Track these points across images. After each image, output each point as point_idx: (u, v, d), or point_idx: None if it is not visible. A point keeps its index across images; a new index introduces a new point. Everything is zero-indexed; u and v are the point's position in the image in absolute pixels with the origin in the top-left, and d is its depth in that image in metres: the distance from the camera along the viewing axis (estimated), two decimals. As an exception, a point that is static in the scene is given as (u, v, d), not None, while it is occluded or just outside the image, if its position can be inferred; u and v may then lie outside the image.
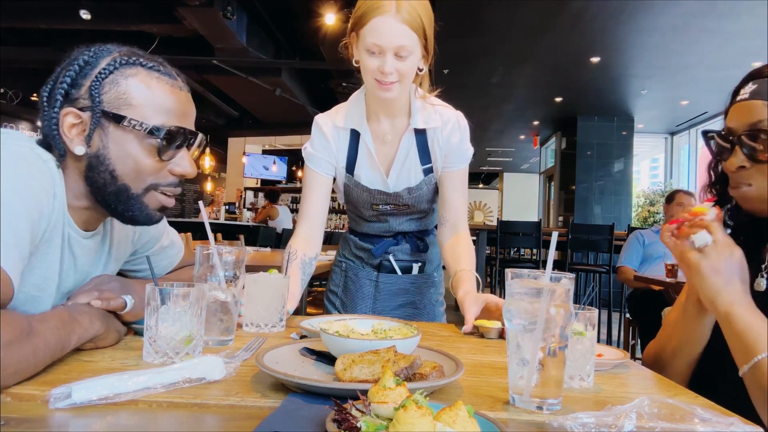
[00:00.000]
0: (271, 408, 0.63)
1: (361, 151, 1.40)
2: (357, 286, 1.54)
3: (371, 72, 1.24)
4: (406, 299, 1.54)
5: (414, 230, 1.52)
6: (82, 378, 0.64)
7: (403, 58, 1.21)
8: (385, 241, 1.51)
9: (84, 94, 0.86)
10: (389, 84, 1.24)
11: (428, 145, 1.39)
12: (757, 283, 0.96)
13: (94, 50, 0.89)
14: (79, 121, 0.86)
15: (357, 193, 1.44)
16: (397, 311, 1.53)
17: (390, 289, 1.53)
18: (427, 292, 1.55)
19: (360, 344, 0.75)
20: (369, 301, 1.53)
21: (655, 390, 0.82)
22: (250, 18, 6.45)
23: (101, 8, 5.89)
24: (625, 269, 3.86)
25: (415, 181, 1.41)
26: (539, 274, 0.71)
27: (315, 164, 1.42)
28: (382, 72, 1.22)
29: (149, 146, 0.88)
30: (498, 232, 5.67)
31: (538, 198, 11.96)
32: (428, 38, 1.25)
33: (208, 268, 0.97)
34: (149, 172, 0.89)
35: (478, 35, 5.91)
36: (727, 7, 4.94)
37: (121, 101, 0.86)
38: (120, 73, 0.87)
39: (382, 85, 1.24)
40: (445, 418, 0.50)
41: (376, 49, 1.20)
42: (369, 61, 1.23)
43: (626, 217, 8.88)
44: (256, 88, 7.95)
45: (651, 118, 8.94)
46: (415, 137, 1.38)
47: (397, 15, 1.18)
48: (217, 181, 14.93)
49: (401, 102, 1.35)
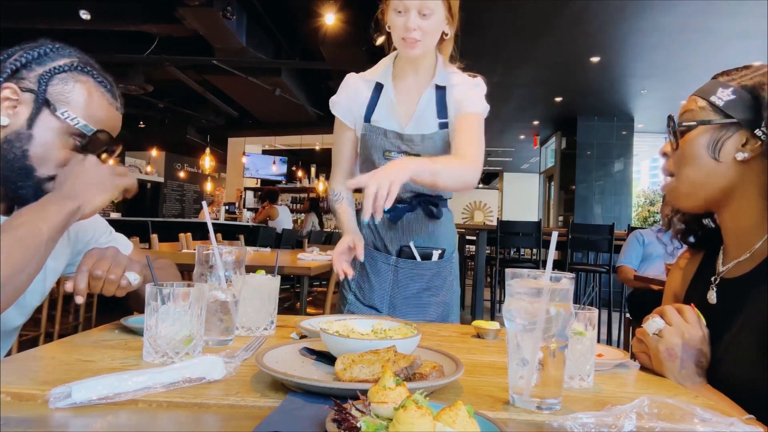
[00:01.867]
0: (270, 408, 0.63)
1: (382, 100, 1.49)
2: (375, 270, 1.52)
3: (398, 30, 1.36)
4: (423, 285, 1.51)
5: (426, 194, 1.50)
6: (82, 377, 0.64)
7: (426, 16, 1.34)
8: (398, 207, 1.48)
9: (32, 78, 0.93)
10: (414, 41, 1.36)
11: (446, 100, 1.47)
12: (709, 296, 0.97)
13: (59, 47, 0.98)
14: (15, 98, 0.93)
15: (372, 139, 1.49)
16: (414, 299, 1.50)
17: (408, 275, 1.51)
18: (447, 277, 1.53)
19: (360, 344, 0.75)
20: (387, 285, 1.51)
21: (655, 390, 0.82)
22: (250, 18, 6.44)
23: (101, 8, 5.89)
24: (625, 269, 3.86)
25: (429, 130, 1.47)
26: (539, 274, 0.71)
27: (340, 113, 1.53)
28: (406, 29, 1.34)
29: (70, 142, 0.96)
30: (498, 232, 5.66)
31: (538, 198, 11.96)
32: (452, 2, 1.38)
33: (208, 268, 0.97)
34: (59, 164, 0.96)
35: (478, 35, 5.91)
36: (727, 7, 4.94)
37: (62, 97, 0.95)
38: (72, 76, 0.96)
39: (407, 42, 1.36)
40: (445, 418, 0.49)
41: (402, 7, 1.34)
42: (396, 19, 1.36)
43: (626, 217, 8.88)
44: (255, 88, 7.94)
45: (651, 118, 8.93)
46: (435, 92, 1.47)
47: None
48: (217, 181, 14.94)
49: (427, 62, 1.46)
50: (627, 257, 3.89)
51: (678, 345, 0.88)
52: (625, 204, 9.08)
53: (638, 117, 8.95)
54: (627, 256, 3.89)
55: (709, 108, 0.91)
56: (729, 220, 0.95)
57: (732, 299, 0.92)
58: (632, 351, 0.98)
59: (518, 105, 8.82)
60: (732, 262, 0.95)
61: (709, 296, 0.96)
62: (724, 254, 0.99)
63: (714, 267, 1.00)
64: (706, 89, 0.94)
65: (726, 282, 0.95)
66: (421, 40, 1.36)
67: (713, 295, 0.96)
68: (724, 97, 0.90)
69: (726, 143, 0.90)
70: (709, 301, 0.96)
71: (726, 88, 0.90)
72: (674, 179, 0.98)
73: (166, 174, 14.88)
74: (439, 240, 1.53)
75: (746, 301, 0.89)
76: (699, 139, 0.92)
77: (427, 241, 1.51)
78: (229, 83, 8.15)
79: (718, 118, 0.90)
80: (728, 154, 0.90)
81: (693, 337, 0.89)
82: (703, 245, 1.06)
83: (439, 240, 1.53)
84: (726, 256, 0.98)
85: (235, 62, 7.11)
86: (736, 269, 0.94)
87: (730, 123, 0.89)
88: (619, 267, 3.94)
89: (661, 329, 0.91)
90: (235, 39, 6.20)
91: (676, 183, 0.97)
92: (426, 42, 1.37)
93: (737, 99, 0.89)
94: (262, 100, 8.95)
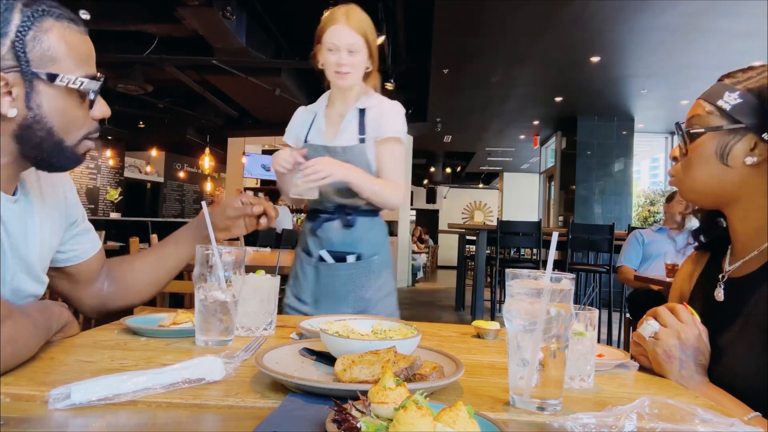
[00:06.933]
0: (270, 408, 0.63)
1: (314, 125, 1.81)
2: (303, 269, 1.74)
3: (331, 66, 1.66)
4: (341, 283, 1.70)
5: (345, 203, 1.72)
6: (81, 378, 0.64)
7: (353, 53, 1.65)
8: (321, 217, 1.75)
9: (6, 55, 0.83)
10: (345, 74, 1.66)
11: (365, 121, 1.73)
12: (716, 294, 0.97)
13: None
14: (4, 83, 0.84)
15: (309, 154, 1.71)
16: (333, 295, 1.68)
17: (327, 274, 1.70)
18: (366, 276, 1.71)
19: (360, 345, 0.75)
20: (311, 282, 1.72)
21: (655, 390, 0.82)
22: (250, 18, 6.44)
23: (101, 8, 5.88)
24: (625, 269, 3.86)
25: (350, 143, 1.71)
26: (539, 274, 0.71)
27: (290, 140, 1.86)
28: (338, 64, 1.64)
29: (78, 99, 0.91)
30: (498, 232, 5.66)
31: (538, 198, 11.96)
32: (371, 43, 1.68)
33: (208, 268, 0.97)
34: (81, 125, 0.93)
35: (478, 35, 5.90)
36: (727, 7, 4.94)
37: (46, 58, 0.86)
38: (38, 29, 0.85)
39: (339, 75, 1.66)
40: (446, 418, 0.49)
41: (334, 47, 1.64)
42: (329, 57, 1.66)
43: (626, 217, 8.88)
44: (255, 88, 7.94)
45: (651, 118, 8.93)
46: (357, 114, 1.74)
47: (347, 23, 1.64)
48: (217, 181, 14.93)
49: (353, 92, 1.75)
50: (627, 257, 3.89)
51: (675, 345, 0.88)
52: (625, 204, 9.08)
53: (638, 117, 8.95)
54: (627, 257, 3.89)
55: (717, 112, 0.91)
56: (737, 221, 0.95)
57: (739, 297, 0.93)
58: (632, 353, 0.98)
59: (518, 105, 8.82)
60: (739, 261, 0.95)
61: (716, 294, 0.97)
62: (731, 254, 0.99)
63: (720, 266, 1.00)
64: (712, 93, 0.93)
65: (733, 280, 0.96)
66: (350, 73, 1.66)
67: (721, 293, 0.96)
68: (730, 101, 0.90)
69: (734, 148, 0.90)
70: (717, 298, 0.96)
71: (732, 91, 0.90)
72: (677, 179, 0.99)
73: (166, 174, 14.88)
74: (356, 245, 1.72)
75: (753, 298, 0.89)
76: (708, 144, 0.92)
77: (345, 246, 1.72)
78: (229, 83, 8.14)
79: (726, 123, 0.90)
80: (737, 159, 0.90)
81: (689, 337, 0.89)
82: (711, 246, 1.07)
83: (356, 245, 1.72)
84: (733, 256, 0.98)
85: (235, 62, 7.11)
86: (743, 268, 0.95)
87: (738, 128, 0.89)
88: (619, 267, 3.93)
89: (656, 331, 0.91)
90: (235, 39, 6.19)
91: (680, 183, 0.99)
92: (355, 74, 1.67)
93: (744, 103, 0.89)
94: (262, 100, 8.94)
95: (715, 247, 1.06)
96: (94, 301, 1.21)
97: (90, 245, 1.17)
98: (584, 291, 6.28)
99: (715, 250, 1.05)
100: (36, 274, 1.00)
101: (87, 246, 1.16)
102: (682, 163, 0.98)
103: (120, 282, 1.23)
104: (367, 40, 1.67)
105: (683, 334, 0.89)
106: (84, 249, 1.15)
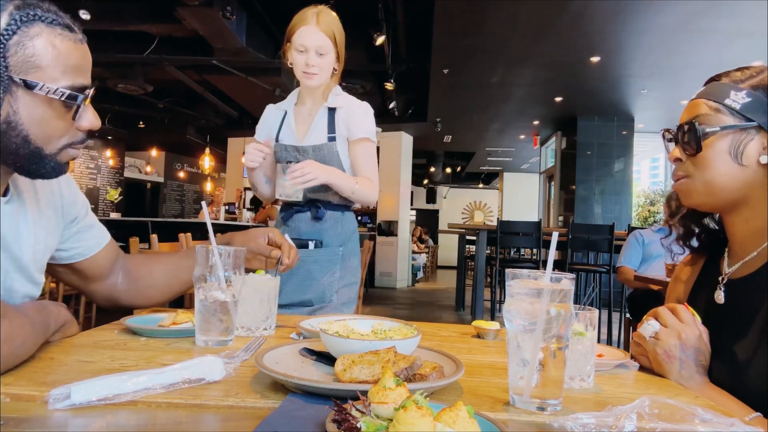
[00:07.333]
0: (270, 408, 0.63)
1: (285, 123, 1.87)
2: None
3: (300, 66, 1.72)
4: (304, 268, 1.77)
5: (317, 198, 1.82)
6: (81, 379, 0.64)
7: (322, 55, 1.71)
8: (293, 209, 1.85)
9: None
10: (312, 75, 1.72)
11: (335, 120, 1.80)
12: (716, 297, 0.96)
13: None
14: None
15: (279, 153, 1.84)
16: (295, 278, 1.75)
17: None
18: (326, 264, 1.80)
19: (360, 345, 0.75)
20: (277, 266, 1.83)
21: (655, 390, 0.82)
22: (250, 18, 6.44)
23: (101, 8, 5.88)
24: (625, 269, 3.86)
25: (319, 142, 1.79)
26: (539, 274, 0.71)
27: (261, 138, 1.91)
28: (307, 65, 1.70)
29: (61, 109, 0.86)
30: (498, 232, 5.66)
31: (538, 198, 11.95)
32: (339, 45, 1.75)
33: (208, 268, 0.96)
34: (62, 134, 0.89)
35: (478, 35, 5.90)
36: (727, 7, 4.94)
37: (29, 64, 0.82)
38: (24, 34, 0.82)
39: (307, 75, 1.72)
40: (446, 418, 0.49)
41: (302, 48, 1.70)
42: (298, 57, 1.72)
43: (626, 217, 8.88)
44: (255, 88, 7.94)
45: (651, 118, 8.93)
46: (327, 113, 1.81)
47: (317, 25, 1.69)
48: (217, 181, 14.93)
49: (321, 91, 1.81)
50: (627, 258, 3.89)
51: (675, 346, 0.88)
52: (625, 204, 9.08)
53: (638, 117, 8.95)
54: (627, 257, 3.89)
55: (726, 111, 0.90)
56: (740, 222, 0.94)
57: (740, 298, 0.92)
58: (632, 353, 0.98)
59: (518, 105, 8.82)
60: (739, 262, 0.95)
61: (716, 296, 0.96)
62: (729, 255, 0.99)
63: (718, 268, 1.00)
64: (714, 92, 0.92)
65: (733, 282, 0.95)
66: (318, 74, 1.72)
67: (721, 295, 0.96)
68: (739, 99, 0.88)
69: (748, 146, 0.88)
70: (717, 301, 0.96)
71: (738, 90, 0.89)
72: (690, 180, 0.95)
73: (166, 174, 14.88)
74: (322, 235, 1.83)
75: (754, 299, 0.89)
76: (719, 143, 0.90)
77: (309, 235, 1.83)
78: (229, 83, 8.14)
79: (737, 122, 0.89)
80: (751, 158, 0.89)
81: (690, 337, 0.89)
82: (705, 249, 1.06)
83: (322, 235, 1.83)
84: (732, 257, 0.98)
85: (235, 62, 7.11)
86: (743, 269, 0.94)
87: (751, 126, 0.88)
88: (619, 267, 3.93)
89: (657, 332, 0.91)
90: (235, 39, 6.19)
91: (693, 184, 0.95)
92: (323, 75, 1.74)
93: (754, 101, 0.88)
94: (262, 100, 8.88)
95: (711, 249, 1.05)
96: (106, 294, 1.21)
97: (94, 242, 1.16)
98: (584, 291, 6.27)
99: (712, 252, 1.04)
100: (30, 275, 0.99)
101: (90, 243, 1.15)
102: (692, 163, 0.94)
103: (135, 282, 1.23)
104: (335, 42, 1.73)
105: (684, 334, 0.89)
106: (87, 246, 1.14)
